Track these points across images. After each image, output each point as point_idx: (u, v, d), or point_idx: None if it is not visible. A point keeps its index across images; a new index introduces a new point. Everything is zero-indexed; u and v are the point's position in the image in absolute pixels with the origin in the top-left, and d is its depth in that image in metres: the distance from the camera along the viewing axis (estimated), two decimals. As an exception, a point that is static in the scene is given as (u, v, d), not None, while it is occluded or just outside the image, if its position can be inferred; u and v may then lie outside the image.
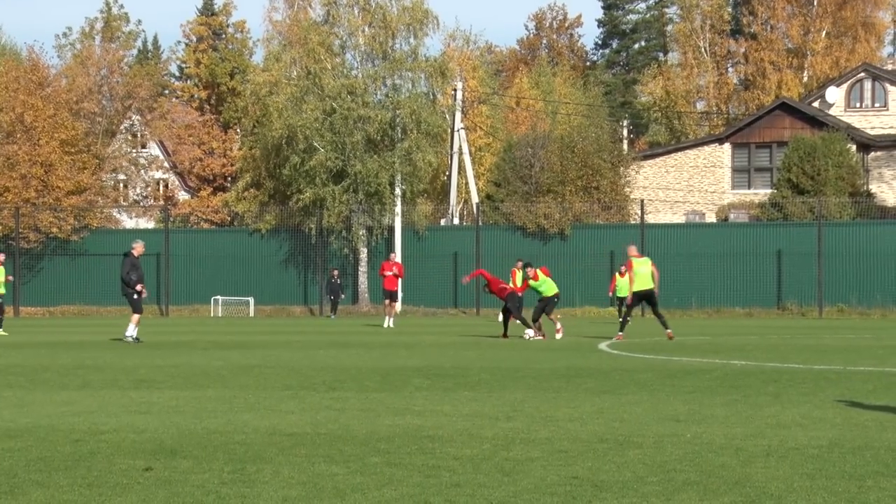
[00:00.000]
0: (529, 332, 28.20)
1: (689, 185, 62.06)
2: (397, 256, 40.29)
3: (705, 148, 63.27)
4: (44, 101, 56.80)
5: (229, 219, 63.60)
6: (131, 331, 26.58)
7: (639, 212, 53.43)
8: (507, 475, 8.66)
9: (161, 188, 71.75)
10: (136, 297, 26.60)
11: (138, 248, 27.19)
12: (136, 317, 26.75)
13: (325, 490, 8.17)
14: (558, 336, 28.29)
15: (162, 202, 68.47)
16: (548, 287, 28.69)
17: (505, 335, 28.93)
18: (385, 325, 36.97)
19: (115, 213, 62.60)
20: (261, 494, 8.02)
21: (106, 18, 70.85)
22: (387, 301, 38.51)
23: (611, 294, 42.54)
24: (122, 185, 66.78)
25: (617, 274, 41.85)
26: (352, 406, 13.31)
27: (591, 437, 10.60)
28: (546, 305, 28.62)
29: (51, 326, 36.38)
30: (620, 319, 28.53)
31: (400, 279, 39.41)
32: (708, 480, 8.38)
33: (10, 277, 33.00)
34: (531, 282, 28.87)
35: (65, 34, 67.99)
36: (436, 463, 9.20)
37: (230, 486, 8.30)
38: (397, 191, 53.74)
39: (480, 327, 37.67)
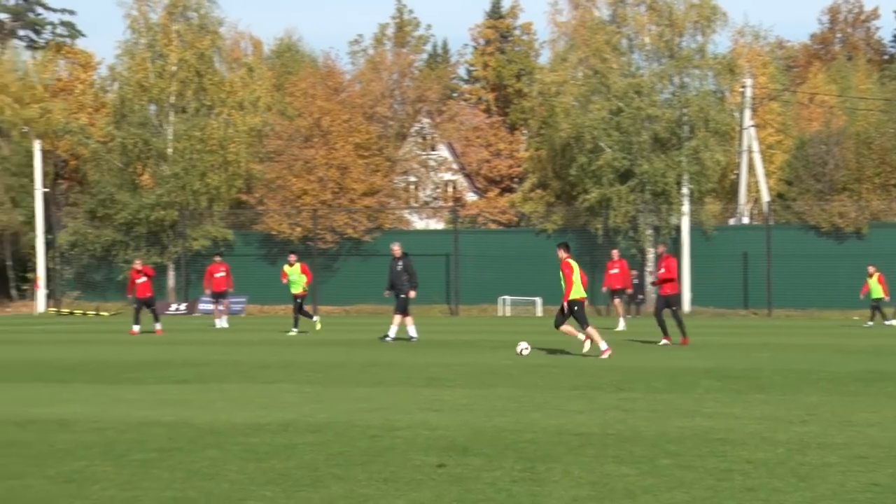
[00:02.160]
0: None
1: None
2: (619, 253, 38.26)
3: None
4: (339, 106, 58.68)
5: (516, 219, 64.17)
6: (411, 331, 27.27)
7: (944, 210, 51.23)
8: (802, 480, 8.43)
9: (450, 189, 73.04)
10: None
11: (393, 250, 28.02)
12: (396, 317, 27.37)
13: (616, 491, 8.14)
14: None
15: (451, 203, 69.69)
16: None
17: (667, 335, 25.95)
18: (619, 328, 33.93)
19: (405, 215, 64.08)
20: (551, 493, 8.05)
21: (397, 24, 72.70)
22: (615, 301, 36.13)
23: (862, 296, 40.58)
24: (412, 186, 68.33)
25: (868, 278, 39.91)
26: (640, 407, 13.22)
27: (892, 443, 10.20)
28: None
29: (347, 325, 37.54)
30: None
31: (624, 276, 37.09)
32: None
33: (309, 277, 33.54)
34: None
35: (357, 40, 70.07)
36: (728, 466, 9.04)
37: (521, 485, 8.37)
38: (684, 190, 53.10)
39: (767, 329, 36.67)
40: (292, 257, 33.00)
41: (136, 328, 32.36)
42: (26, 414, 12.82)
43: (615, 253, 37.61)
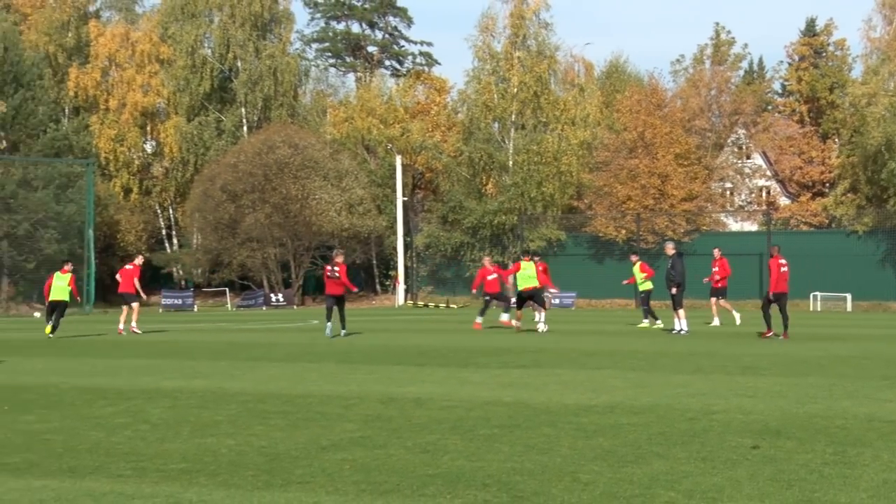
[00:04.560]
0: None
1: None
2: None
3: None
4: (661, 120, 58.18)
5: (827, 221, 61.74)
6: (676, 324, 26.63)
7: None
8: None
9: (763, 194, 70.97)
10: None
11: (666, 248, 27.49)
12: (679, 311, 26.64)
13: (926, 476, 7.71)
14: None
15: (764, 207, 67.72)
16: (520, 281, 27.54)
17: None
18: (713, 323, 31.31)
19: (722, 217, 62.77)
20: (861, 476, 7.70)
21: (715, 44, 71.21)
22: (713, 300, 32.45)
23: None
24: (728, 192, 66.83)
25: None
26: (950, 398, 12.45)
27: None
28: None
29: (665, 318, 37.04)
30: None
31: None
32: None
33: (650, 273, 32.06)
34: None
35: (678, 60, 69.11)
36: None
37: (832, 467, 8.05)
38: None
39: None
40: (634, 257, 32.41)
41: (479, 320, 30.84)
42: (389, 392, 13.30)
43: (717, 252, 33.47)
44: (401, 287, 59.51)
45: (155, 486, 7.68)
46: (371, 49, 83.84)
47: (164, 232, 67.65)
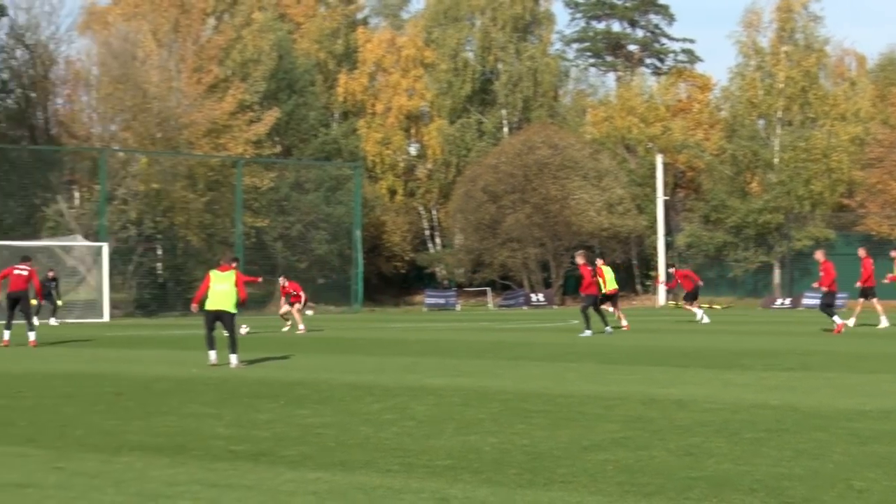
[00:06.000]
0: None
1: None
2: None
3: None
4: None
5: None
6: None
7: None
8: None
9: None
10: None
11: None
12: None
13: None
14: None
15: None
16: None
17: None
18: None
19: None
20: None
21: None
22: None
23: None
24: None
25: None
26: None
27: None
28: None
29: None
30: None
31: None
32: None
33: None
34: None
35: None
36: None
37: None
38: None
39: None
40: (894, 252, 31.22)
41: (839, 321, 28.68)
42: (650, 393, 13.17)
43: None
44: (662, 287, 58.85)
45: (422, 482, 7.86)
46: (632, 48, 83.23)
47: (427, 232, 69.16)
